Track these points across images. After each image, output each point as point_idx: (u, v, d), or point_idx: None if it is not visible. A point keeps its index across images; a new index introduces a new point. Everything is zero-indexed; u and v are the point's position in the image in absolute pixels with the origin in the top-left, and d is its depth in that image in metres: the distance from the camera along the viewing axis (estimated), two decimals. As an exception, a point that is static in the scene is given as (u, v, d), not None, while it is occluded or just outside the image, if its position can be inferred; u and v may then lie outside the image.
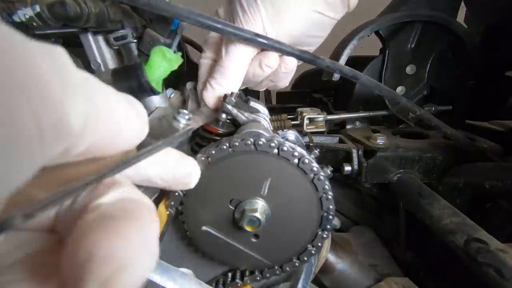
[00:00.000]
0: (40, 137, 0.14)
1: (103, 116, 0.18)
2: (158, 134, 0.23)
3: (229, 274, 0.48)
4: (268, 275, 0.46)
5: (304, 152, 0.40)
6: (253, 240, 0.44)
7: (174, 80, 0.69)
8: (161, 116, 0.25)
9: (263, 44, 0.50)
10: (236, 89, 0.53)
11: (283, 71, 0.56)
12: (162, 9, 0.46)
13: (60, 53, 0.16)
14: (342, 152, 0.74)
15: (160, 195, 0.45)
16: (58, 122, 0.15)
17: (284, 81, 0.60)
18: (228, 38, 0.51)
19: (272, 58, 0.53)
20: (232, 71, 0.52)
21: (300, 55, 0.53)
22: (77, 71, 0.17)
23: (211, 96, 0.53)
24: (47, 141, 0.14)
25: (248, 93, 0.83)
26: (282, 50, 0.52)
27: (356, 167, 0.72)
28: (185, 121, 0.24)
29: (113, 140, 0.19)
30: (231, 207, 0.42)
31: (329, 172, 0.41)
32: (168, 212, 0.43)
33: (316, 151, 0.48)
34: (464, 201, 0.67)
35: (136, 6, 0.52)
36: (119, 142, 0.20)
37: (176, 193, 0.42)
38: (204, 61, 0.60)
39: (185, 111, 0.24)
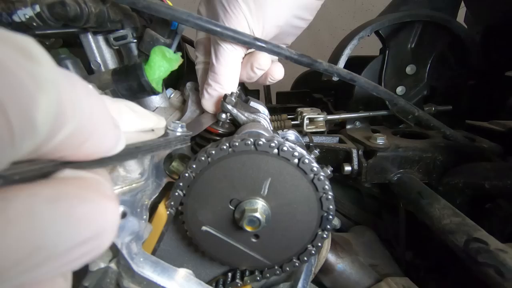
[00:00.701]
0: (9, 134, 0.13)
1: (78, 108, 0.17)
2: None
3: (229, 274, 0.48)
4: (268, 275, 0.46)
5: (304, 152, 0.40)
6: (253, 240, 0.44)
7: (174, 80, 0.69)
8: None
9: (261, 48, 0.50)
10: (234, 90, 0.53)
11: (269, 81, 0.58)
12: (162, 12, 0.46)
13: (31, 46, 0.15)
14: (342, 152, 0.74)
15: (160, 195, 0.45)
16: (27, 117, 0.14)
17: (273, 82, 0.61)
18: (215, 40, 0.51)
19: (262, 60, 0.53)
20: (225, 75, 0.52)
21: (299, 59, 0.53)
22: (50, 64, 0.16)
23: (209, 103, 0.54)
24: (17, 136, 0.14)
25: (248, 93, 0.83)
26: (281, 53, 0.52)
27: (356, 167, 0.72)
28: (181, 129, 0.24)
29: (85, 140, 0.18)
30: (231, 207, 0.42)
31: (329, 172, 0.41)
32: (168, 212, 0.43)
33: (316, 151, 0.48)
34: (464, 201, 0.67)
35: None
36: (93, 145, 0.19)
37: (176, 193, 0.42)
38: (199, 67, 0.60)
39: (177, 121, 0.24)
